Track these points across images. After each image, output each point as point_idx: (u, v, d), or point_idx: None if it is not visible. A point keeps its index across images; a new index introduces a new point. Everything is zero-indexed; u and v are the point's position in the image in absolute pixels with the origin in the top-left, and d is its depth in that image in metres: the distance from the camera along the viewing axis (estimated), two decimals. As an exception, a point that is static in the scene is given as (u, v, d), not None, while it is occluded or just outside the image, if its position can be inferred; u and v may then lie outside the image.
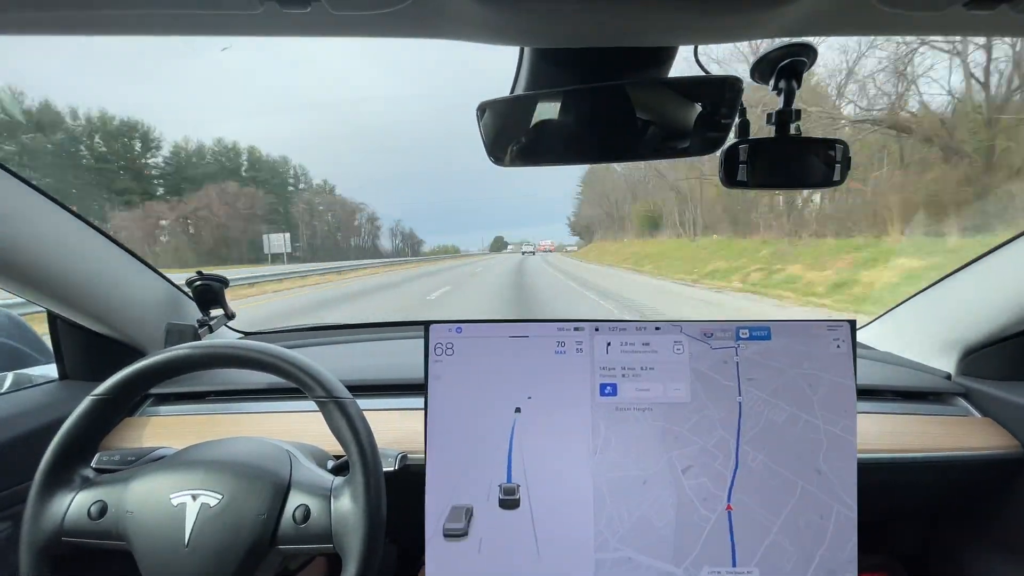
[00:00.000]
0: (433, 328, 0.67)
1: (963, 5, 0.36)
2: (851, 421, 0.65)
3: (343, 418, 0.61)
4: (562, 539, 0.64)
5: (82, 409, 0.62)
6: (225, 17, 0.39)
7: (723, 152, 0.64)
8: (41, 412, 0.84)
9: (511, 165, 0.67)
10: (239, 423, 0.89)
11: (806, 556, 0.64)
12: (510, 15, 0.39)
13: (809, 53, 0.58)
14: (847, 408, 0.65)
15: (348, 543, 0.58)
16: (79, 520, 0.59)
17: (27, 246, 0.75)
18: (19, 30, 0.42)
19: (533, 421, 0.66)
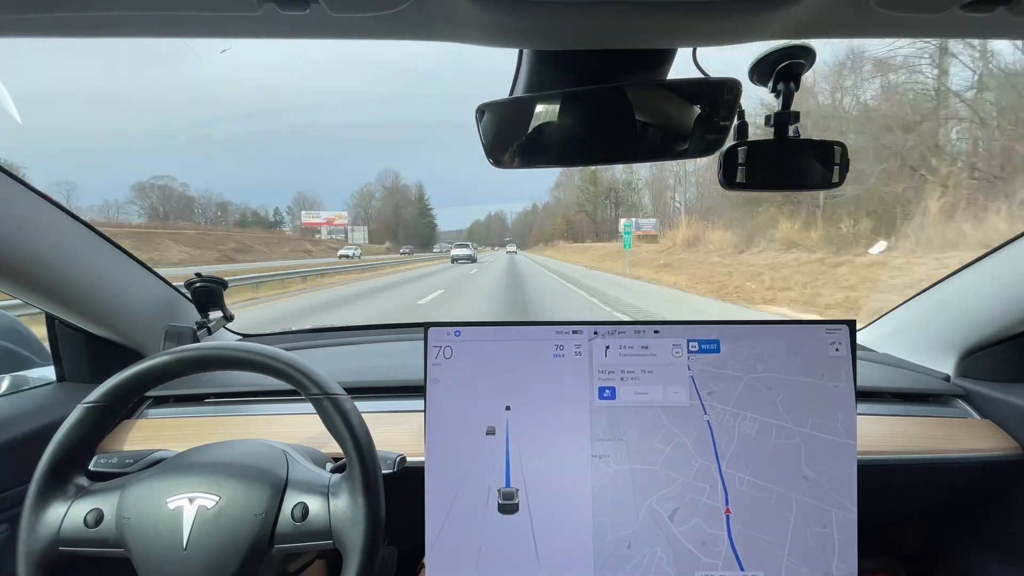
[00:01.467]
0: (432, 331, 0.67)
1: (960, 7, 0.36)
2: (850, 421, 0.64)
3: (338, 414, 0.61)
4: (561, 544, 0.64)
5: (74, 417, 0.61)
6: (224, 19, 0.39)
7: (722, 154, 0.64)
8: (39, 414, 0.83)
9: (510, 167, 0.67)
10: (237, 425, 0.89)
11: (823, 572, 0.61)
12: (509, 17, 0.39)
13: (807, 55, 0.58)
14: (845, 410, 0.64)
15: (348, 539, 0.58)
16: (75, 529, 0.59)
17: (25, 248, 0.75)
18: (18, 32, 0.42)
19: (532, 425, 0.65)
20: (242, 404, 0.95)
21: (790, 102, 0.61)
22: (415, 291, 11.97)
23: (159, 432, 0.89)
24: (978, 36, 0.44)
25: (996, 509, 0.86)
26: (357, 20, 0.39)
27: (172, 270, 7.80)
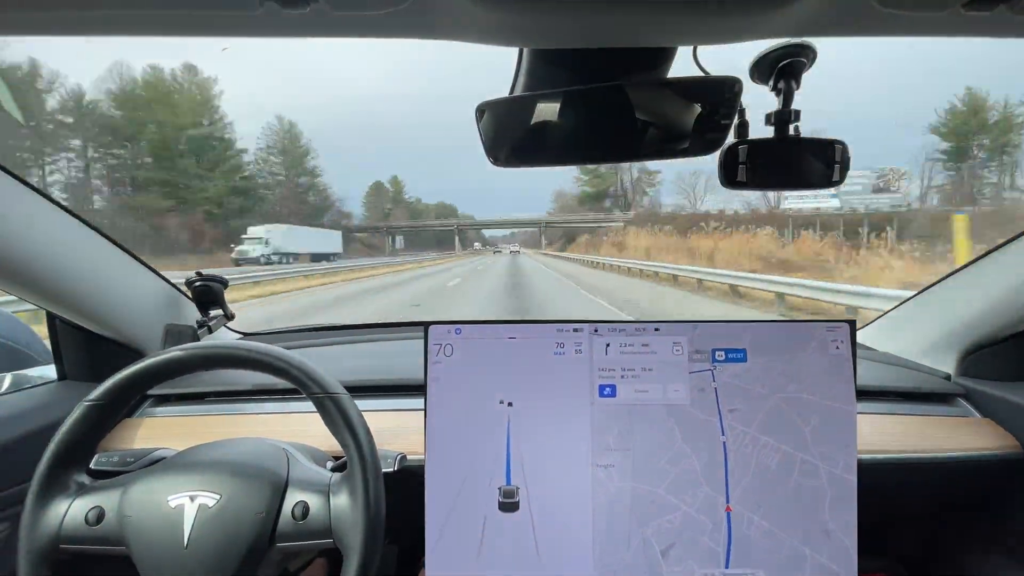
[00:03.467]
0: (432, 329, 0.67)
1: (961, 6, 0.36)
2: (850, 438, 0.59)
3: (338, 413, 0.61)
4: (562, 541, 0.64)
5: (76, 416, 0.61)
6: (224, 18, 0.39)
7: (722, 153, 0.64)
8: (40, 413, 0.83)
9: (510, 166, 0.67)
10: (238, 424, 0.89)
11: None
12: (509, 16, 0.39)
13: (808, 53, 0.58)
14: (846, 425, 0.60)
15: (348, 537, 0.58)
16: (77, 527, 0.59)
17: (26, 246, 0.75)
18: (18, 30, 0.42)
19: (532, 422, 0.65)
20: (243, 403, 0.95)
21: (791, 100, 0.61)
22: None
23: (160, 431, 0.89)
24: (979, 35, 0.44)
25: (997, 508, 0.86)
26: (357, 19, 0.39)
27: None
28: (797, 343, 0.62)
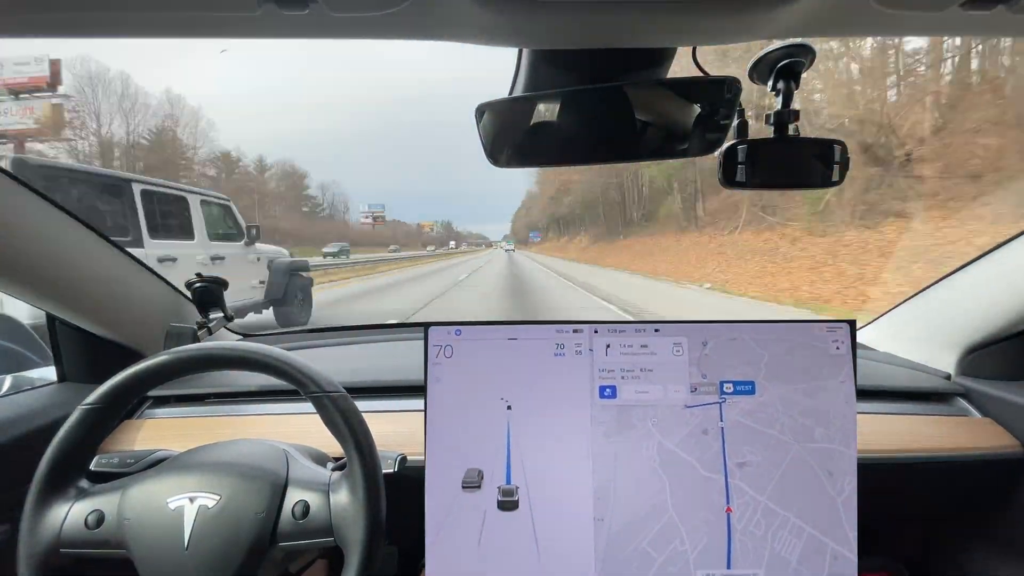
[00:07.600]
0: (432, 330, 0.67)
1: (960, 5, 0.36)
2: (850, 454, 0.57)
3: (337, 412, 0.61)
4: (562, 541, 0.64)
5: (74, 420, 0.61)
6: (224, 19, 0.39)
7: (722, 153, 0.64)
8: (40, 414, 0.83)
9: (510, 166, 0.67)
10: (239, 425, 0.89)
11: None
12: (508, 17, 0.39)
13: (807, 54, 0.58)
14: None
15: (349, 535, 0.58)
16: (76, 531, 0.59)
17: (26, 248, 0.75)
18: (19, 32, 0.42)
19: (532, 423, 0.65)
20: (243, 404, 0.95)
21: (790, 100, 0.61)
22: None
23: (160, 432, 0.89)
24: (978, 34, 0.44)
25: (997, 507, 0.86)
26: (357, 20, 0.39)
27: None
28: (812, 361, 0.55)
